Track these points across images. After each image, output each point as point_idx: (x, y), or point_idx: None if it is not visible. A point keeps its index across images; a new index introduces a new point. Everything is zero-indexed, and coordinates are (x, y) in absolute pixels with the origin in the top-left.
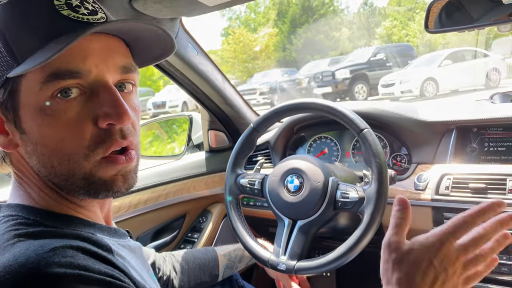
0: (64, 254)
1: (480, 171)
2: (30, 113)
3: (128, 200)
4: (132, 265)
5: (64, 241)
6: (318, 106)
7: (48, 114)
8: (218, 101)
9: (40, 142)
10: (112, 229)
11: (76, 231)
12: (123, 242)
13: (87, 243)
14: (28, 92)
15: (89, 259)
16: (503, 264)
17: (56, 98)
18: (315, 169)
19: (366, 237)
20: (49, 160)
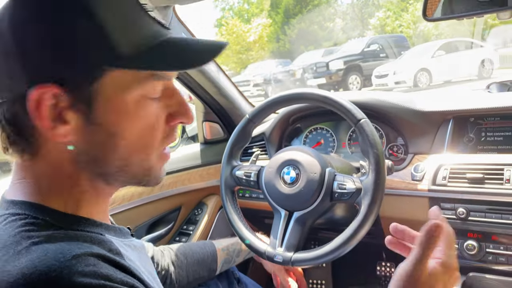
0: (87, 263)
1: (477, 161)
2: (113, 106)
3: (122, 192)
4: (140, 268)
5: (83, 247)
6: (315, 96)
7: (133, 110)
8: (212, 92)
9: (118, 135)
10: (117, 228)
11: (85, 232)
12: (128, 242)
13: (102, 248)
14: (115, 87)
15: (110, 268)
16: (500, 254)
17: (145, 96)
18: (312, 160)
19: (364, 228)
20: (123, 152)
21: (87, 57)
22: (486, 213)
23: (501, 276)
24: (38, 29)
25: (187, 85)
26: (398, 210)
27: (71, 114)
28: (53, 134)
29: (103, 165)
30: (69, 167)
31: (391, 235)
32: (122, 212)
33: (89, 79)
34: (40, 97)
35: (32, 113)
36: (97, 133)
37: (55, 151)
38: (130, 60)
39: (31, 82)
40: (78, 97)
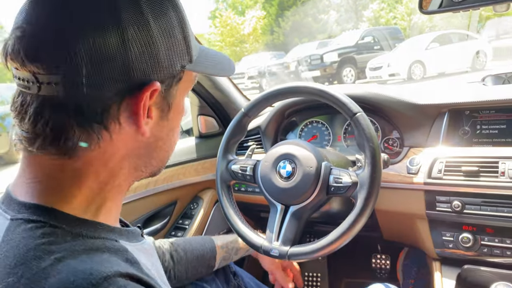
0: (118, 284)
1: (473, 154)
2: (178, 103)
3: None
4: (155, 274)
5: (108, 266)
6: (310, 90)
7: (183, 106)
8: (207, 85)
9: (174, 129)
10: (129, 231)
11: (101, 239)
12: (140, 246)
13: (120, 259)
14: (183, 85)
15: (138, 287)
16: (495, 247)
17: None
18: (308, 154)
19: (360, 221)
20: (172, 143)
21: (179, 61)
22: (481, 206)
23: (495, 268)
24: (150, 33)
25: None
26: (393, 203)
27: (155, 110)
28: (144, 128)
29: (152, 157)
30: (115, 162)
31: None
32: (128, 203)
33: (176, 79)
34: (147, 94)
35: (139, 109)
36: (164, 128)
37: (113, 147)
38: (196, 64)
39: (140, 81)
40: (165, 96)
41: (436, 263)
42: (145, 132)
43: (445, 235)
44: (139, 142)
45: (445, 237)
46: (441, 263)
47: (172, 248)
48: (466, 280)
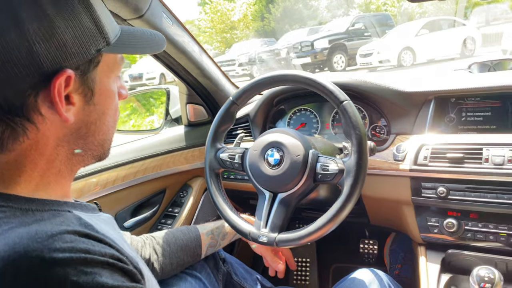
0: (64, 240)
1: (458, 141)
2: (104, 87)
3: (106, 176)
4: (115, 237)
5: (56, 227)
6: (298, 78)
7: (112, 89)
8: (195, 73)
9: (105, 112)
10: (82, 204)
11: (53, 211)
12: (97, 217)
13: (74, 224)
14: (106, 68)
15: (87, 241)
16: (478, 231)
17: (116, 77)
18: (295, 142)
19: (346, 208)
20: (106, 127)
21: (92, 46)
22: (465, 192)
23: (478, 253)
24: (52, 25)
25: (170, 67)
26: (380, 190)
27: (76, 96)
28: (65, 116)
29: (88, 142)
30: (50, 150)
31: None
32: (106, 196)
33: (93, 64)
34: (60, 82)
35: (55, 97)
36: (92, 112)
37: (43, 137)
38: (115, 46)
39: (51, 70)
40: (84, 81)
41: (421, 247)
42: (68, 119)
43: (430, 220)
44: (68, 129)
45: (430, 222)
46: (426, 247)
47: (155, 242)
48: (450, 264)
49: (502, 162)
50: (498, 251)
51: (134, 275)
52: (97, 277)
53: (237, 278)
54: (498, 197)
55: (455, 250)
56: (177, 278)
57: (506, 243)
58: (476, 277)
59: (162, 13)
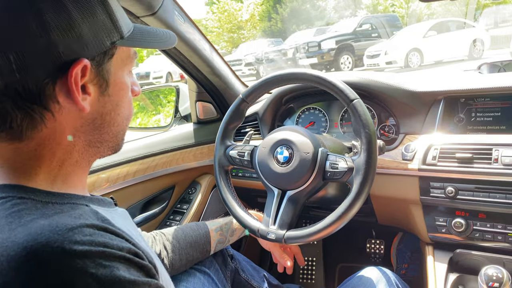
0: (83, 233)
1: (467, 141)
2: (118, 79)
3: (117, 171)
4: (130, 231)
5: (75, 220)
6: (308, 77)
7: (126, 82)
8: (205, 71)
9: (119, 104)
10: (100, 198)
11: (72, 204)
12: (113, 211)
13: (92, 218)
14: (120, 61)
15: (105, 235)
16: (486, 231)
17: (129, 71)
18: (305, 140)
19: (355, 206)
20: (121, 119)
21: (107, 39)
22: (474, 192)
23: (486, 253)
24: (70, 17)
25: (180, 64)
26: (388, 189)
27: (92, 86)
28: (82, 104)
29: (103, 133)
30: (67, 140)
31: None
32: (117, 191)
33: (107, 56)
34: (77, 72)
35: (71, 86)
36: (107, 103)
37: (60, 126)
38: (129, 40)
39: (68, 59)
40: (99, 72)
41: (429, 247)
42: (84, 108)
43: (438, 220)
44: (84, 119)
45: (438, 222)
46: (433, 247)
47: (164, 238)
48: (457, 264)
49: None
50: (506, 251)
51: (149, 270)
52: (115, 270)
53: (244, 275)
54: (507, 197)
55: (463, 249)
56: (186, 274)
57: None
58: (484, 276)
59: (174, 11)
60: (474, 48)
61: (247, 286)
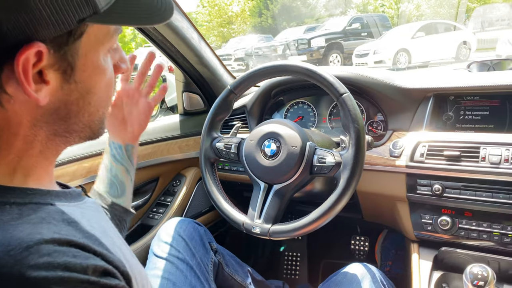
0: (40, 252)
1: (455, 139)
2: (89, 63)
3: (98, 161)
4: (98, 230)
5: (35, 231)
6: (298, 69)
7: (102, 64)
8: (193, 61)
9: (91, 91)
10: (67, 192)
11: (33, 204)
12: (82, 205)
13: (54, 224)
14: (94, 41)
15: (68, 252)
16: (472, 230)
17: (109, 50)
18: (293, 133)
19: (342, 201)
20: (94, 108)
21: (73, 15)
22: (461, 190)
23: (471, 251)
24: None
25: (167, 53)
26: (375, 185)
27: (52, 73)
28: (35, 96)
29: (70, 123)
30: (26, 131)
31: None
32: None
33: (73, 36)
34: (27, 57)
35: (19, 76)
36: (73, 91)
37: (15, 116)
38: (106, 15)
39: (15, 42)
40: (61, 55)
41: (414, 245)
42: (39, 99)
43: (424, 217)
44: (44, 109)
45: (424, 219)
46: (419, 245)
47: None
48: (442, 262)
49: (499, 162)
50: (491, 250)
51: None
52: None
53: (228, 270)
54: (494, 196)
55: (448, 248)
56: (169, 266)
57: (499, 242)
58: (469, 274)
59: None
60: (461, 51)
61: (231, 281)
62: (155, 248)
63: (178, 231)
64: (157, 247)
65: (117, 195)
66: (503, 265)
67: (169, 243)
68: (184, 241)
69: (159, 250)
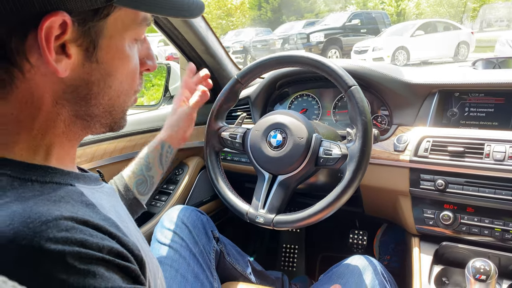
0: (59, 227)
1: (459, 135)
2: (113, 45)
3: (103, 147)
4: (115, 215)
5: (52, 210)
6: (307, 60)
7: (126, 50)
8: (200, 50)
9: (112, 74)
10: (86, 175)
11: (54, 183)
12: (99, 189)
13: (73, 204)
14: (121, 24)
15: (85, 231)
16: (473, 225)
17: (135, 39)
18: (299, 124)
19: (347, 194)
20: (115, 92)
21: None
22: (463, 186)
23: (472, 246)
24: None
25: (174, 41)
26: (378, 179)
27: (74, 48)
28: (55, 66)
29: (91, 105)
30: (49, 107)
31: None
32: (102, 166)
33: (99, 14)
34: (51, 25)
35: (41, 42)
36: (94, 71)
37: (37, 89)
38: (136, 1)
39: (42, 10)
40: (85, 31)
41: (415, 239)
42: (58, 70)
43: (426, 212)
44: (65, 85)
45: (426, 214)
46: (420, 239)
47: None
48: (443, 256)
49: (503, 158)
50: (492, 246)
51: (133, 272)
52: (90, 277)
53: (229, 259)
54: (496, 192)
55: (449, 242)
56: (172, 253)
57: (500, 238)
58: (471, 268)
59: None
60: (459, 50)
61: (231, 270)
62: (158, 234)
63: (181, 219)
64: (160, 234)
65: (143, 193)
66: (503, 261)
67: (173, 230)
68: (187, 229)
69: (162, 236)
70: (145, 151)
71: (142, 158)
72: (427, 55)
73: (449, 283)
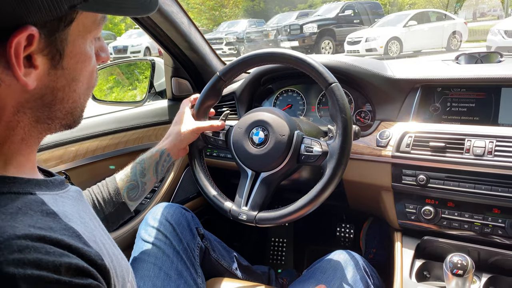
0: (11, 248)
1: (441, 130)
2: (77, 50)
3: (86, 145)
4: (79, 221)
5: (6, 228)
6: (288, 57)
7: (88, 52)
8: (183, 46)
9: (76, 78)
10: (49, 181)
11: (12, 194)
12: (64, 193)
13: (34, 215)
14: (82, 28)
15: (41, 247)
16: (454, 220)
17: (94, 38)
18: (281, 122)
19: (327, 190)
20: (77, 95)
21: (64, 1)
22: (445, 181)
23: (453, 240)
24: None
25: (156, 37)
26: (361, 174)
27: (40, 58)
28: (24, 80)
29: (54, 110)
30: (9, 116)
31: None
32: (85, 165)
33: (64, 22)
34: (19, 40)
35: (11, 58)
36: (60, 78)
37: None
38: (96, 3)
39: (8, 25)
40: (51, 41)
41: (398, 233)
42: (27, 83)
43: (408, 207)
44: (30, 94)
45: (408, 209)
46: (402, 233)
47: None
48: (424, 250)
49: (482, 153)
50: (472, 240)
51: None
52: None
53: (215, 255)
54: (476, 187)
55: (430, 237)
56: (155, 250)
57: (480, 232)
58: (449, 263)
59: None
60: (452, 40)
61: (217, 266)
62: (142, 232)
63: (165, 216)
64: (144, 232)
65: (133, 198)
66: (482, 254)
67: (156, 227)
68: (171, 226)
69: (146, 234)
70: (143, 157)
71: (138, 163)
72: (420, 45)
73: (430, 276)
